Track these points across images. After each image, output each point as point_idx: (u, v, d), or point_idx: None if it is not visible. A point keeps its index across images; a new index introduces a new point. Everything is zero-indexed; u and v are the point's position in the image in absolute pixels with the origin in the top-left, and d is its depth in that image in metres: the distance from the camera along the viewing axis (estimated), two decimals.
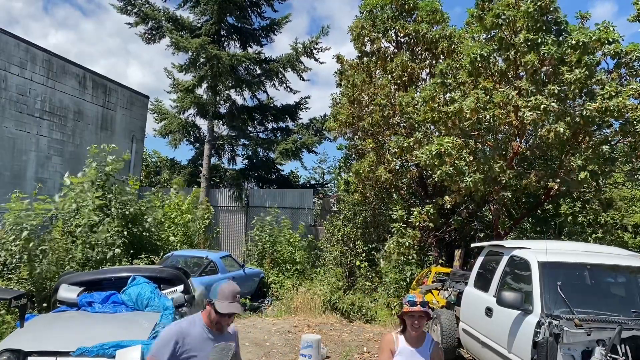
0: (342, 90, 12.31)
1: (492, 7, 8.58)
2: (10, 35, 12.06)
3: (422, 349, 3.31)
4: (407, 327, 3.33)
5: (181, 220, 13.03)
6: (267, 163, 20.27)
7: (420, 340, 3.34)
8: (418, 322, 3.26)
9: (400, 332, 3.41)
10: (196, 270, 9.58)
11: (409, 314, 3.27)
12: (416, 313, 3.25)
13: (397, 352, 3.31)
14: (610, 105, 7.35)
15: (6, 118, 11.86)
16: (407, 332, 3.33)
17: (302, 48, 17.91)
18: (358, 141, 12.64)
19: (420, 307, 3.23)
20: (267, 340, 7.88)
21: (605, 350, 4.11)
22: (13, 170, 12.11)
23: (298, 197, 17.28)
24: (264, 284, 12.35)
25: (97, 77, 14.92)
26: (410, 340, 3.32)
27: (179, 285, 6.26)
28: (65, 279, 6.16)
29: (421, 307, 3.23)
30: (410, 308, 3.24)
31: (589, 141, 8.53)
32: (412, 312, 3.25)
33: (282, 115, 20.20)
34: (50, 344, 4.29)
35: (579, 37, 7.56)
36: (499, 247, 6.31)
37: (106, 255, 9.54)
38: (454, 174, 8.07)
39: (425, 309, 3.24)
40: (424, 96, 9.18)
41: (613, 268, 5.33)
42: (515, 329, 4.90)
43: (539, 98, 7.50)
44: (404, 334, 3.37)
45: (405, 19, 11.27)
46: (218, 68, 16.52)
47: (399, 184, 11.49)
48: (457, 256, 9.39)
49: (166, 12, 17.97)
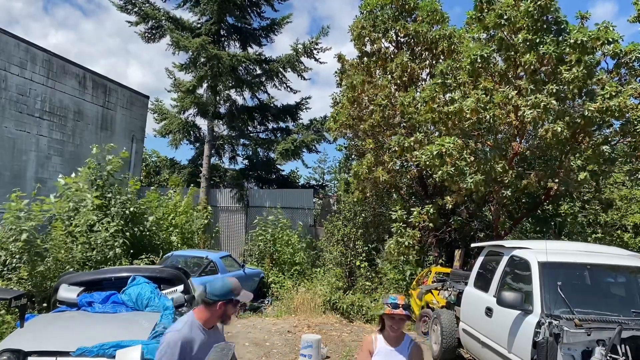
0: (342, 91, 12.31)
1: (492, 8, 8.58)
2: (10, 35, 12.06)
3: (400, 348, 3.31)
4: (386, 327, 3.33)
5: (177, 221, 13.00)
6: (267, 163, 20.27)
7: (399, 339, 3.34)
8: (397, 325, 3.26)
9: (379, 332, 3.42)
10: (196, 270, 9.58)
11: (390, 316, 3.26)
12: (397, 316, 3.23)
13: (375, 352, 3.31)
14: (611, 105, 7.35)
15: (6, 118, 11.86)
16: (386, 331, 3.33)
17: (303, 48, 17.91)
18: (358, 141, 12.64)
19: (402, 311, 3.22)
20: (267, 340, 7.88)
21: (605, 350, 4.11)
22: (13, 170, 12.11)
23: (298, 197, 17.28)
24: (264, 284, 12.35)
25: (97, 77, 14.92)
26: (388, 339, 3.33)
27: (179, 285, 6.26)
28: (65, 279, 6.16)
29: (403, 311, 3.22)
30: (392, 311, 3.22)
31: (589, 141, 8.52)
32: (393, 315, 3.23)
33: (283, 115, 20.20)
34: (50, 344, 4.29)
35: (578, 37, 7.56)
36: (499, 247, 6.31)
37: (106, 255, 9.54)
38: (455, 175, 8.06)
39: (406, 313, 3.23)
40: (424, 96, 9.18)
41: (613, 268, 5.33)
42: (515, 329, 4.90)
43: (538, 96, 7.50)
44: (383, 334, 3.37)
45: (406, 19, 11.27)
46: (218, 68, 16.52)
47: (399, 184, 11.49)
48: (457, 256, 9.38)
49: (166, 12, 17.99)
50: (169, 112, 19.56)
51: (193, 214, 13.81)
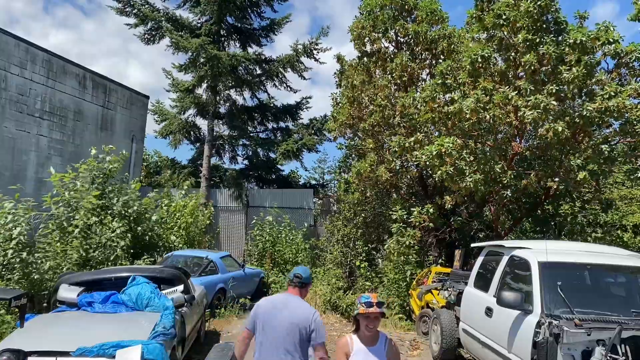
0: (341, 91, 12.32)
1: (492, 8, 8.58)
2: (10, 35, 12.05)
3: (376, 348, 3.28)
4: (360, 327, 3.29)
5: (184, 221, 13.02)
6: (267, 163, 20.27)
7: (375, 338, 3.30)
8: (372, 324, 3.23)
9: (354, 332, 3.38)
10: (196, 270, 9.57)
11: (365, 315, 3.22)
12: (372, 314, 3.20)
13: (352, 353, 3.27)
14: (610, 105, 7.35)
15: (6, 118, 11.86)
16: (361, 332, 3.29)
17: (302, 49, 17.90)
18: (358, 141, 12.64)
19: (377, 308, 3.19)
20: None
21: (605, 350, 4.11)
22: (13, 170, 12.11)
23: (298, 197, 17.28)
24: (264, 284, 12.35)
25: (97, 77, 14.91)
26: (364, 339, 3.29)
27: (179, 285, 6.27)
28: (65, 279, 6.17)
29: (377, 308, 3.19)
30: (367, 309, 3.18)
31: (589, 141, 8.53)
32: (367, 314, 3.20)
33: (283, 115, 20.20)
34: (50, 344, 4.30)
35: (578, 37, 7.57)
36: (499, 247, 6.31)
37: (108, 255, 9.51)
38: (455, 174, 8.07)
39: (381, 310, 3.20)
40: (424, 96, 9.18)
41: (613, 268, 5.33)
42: (515, 329, 4.90)
43: (538, 97, 7.50)
44: (358, 334, 3.33)
45: (405, 19, 11.28)
46: (218, 68, 16.51)
47: (399, 184, 11.49)
48: (457, 256, 9.38)
49: (166, 12, 17.97)
50: (169, 112, 19.56)
51: (199, 215, 13.81)
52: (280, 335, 3.31)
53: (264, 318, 3.39)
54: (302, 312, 3.38)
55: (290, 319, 3.33)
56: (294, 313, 3.36)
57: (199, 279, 8.97)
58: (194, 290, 6.95)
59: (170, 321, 5.00)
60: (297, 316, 3.34)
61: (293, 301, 3.45)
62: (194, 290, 6.84)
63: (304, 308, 3.41)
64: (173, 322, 5.05)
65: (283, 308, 3.39)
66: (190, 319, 6.31)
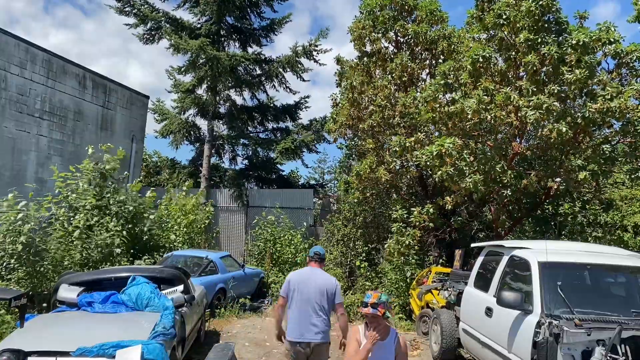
0: (341, 91, 12.31)
1: (493, 7, 8.58)
2: (10, 35, 12.05)
3: (387, 342, 3.37)
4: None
5: (185, 220, 13.02)
6: (267, 163, 20.26)
7: (386, 333, 3.38)
8: (370, 322, 3.30)
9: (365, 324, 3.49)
10: (196, 270, 9.57)
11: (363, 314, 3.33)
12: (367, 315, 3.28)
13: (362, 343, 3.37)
14: (612, 106, 7.35)
15: (6, 118, 11.86)
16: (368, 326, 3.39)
17: (302, 50, 17.89)
18: (358, 141, 12.64)
19: (369, 310, 3.23)
20: (267, 340, 7.87)
21: (605, 350, 4.11)
22: (13, 170, 12.11)
23: (298, 197, 17.27)
24: (264, 284, 12.35)
25: (97, 77, 14.91)
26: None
27: (179, 285, 6.26)
28: (65, 279, 6.17)
29: (370, 310, 3.23)
30: (362, 309, 3.28)
31: (590, 141, 8.52)
32: (363, 313, 3.29)
33: (282, 115, 20.20)
34: (50, 344, 4.30)
35: (579, 37, 7.55)
36: (499, 247, 6.31)
37: (106, 255, 9.52)
38: (455, 175, 8.06)
39: (373, 311, 3.23)
40: (425, 96, 9.18)
41: (613, 268, 5.33)
42: (515, 329, 4.90)
43: (540, 97, 7.50)
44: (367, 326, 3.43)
45: (405, 19, 11.28)
46: (217, 68, 16.51)
47: (399, 184, 11.49)
48: (457, 256, 9.37)
49: (165, 12, 17.97)
50: (169, 112, 19.56)
51: (198, 215, 13.81)
52: (312, 296, 4.26)
53: (297, 284, 4.34)
54: (327, 278, 4.44)
55: (317, 283, 4.32)
56: (321, 279, 4.38)
57: (199, 279, 8.96)
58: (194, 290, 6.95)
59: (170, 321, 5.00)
60: (323, 282, 4.35)
61: (318, 272, 4.47)
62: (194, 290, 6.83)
63: (327, 276, 4.48)
64: (173, 322, 5.05)
65: (312, 275, 4.41)
66: (190, 319, 6.30)
